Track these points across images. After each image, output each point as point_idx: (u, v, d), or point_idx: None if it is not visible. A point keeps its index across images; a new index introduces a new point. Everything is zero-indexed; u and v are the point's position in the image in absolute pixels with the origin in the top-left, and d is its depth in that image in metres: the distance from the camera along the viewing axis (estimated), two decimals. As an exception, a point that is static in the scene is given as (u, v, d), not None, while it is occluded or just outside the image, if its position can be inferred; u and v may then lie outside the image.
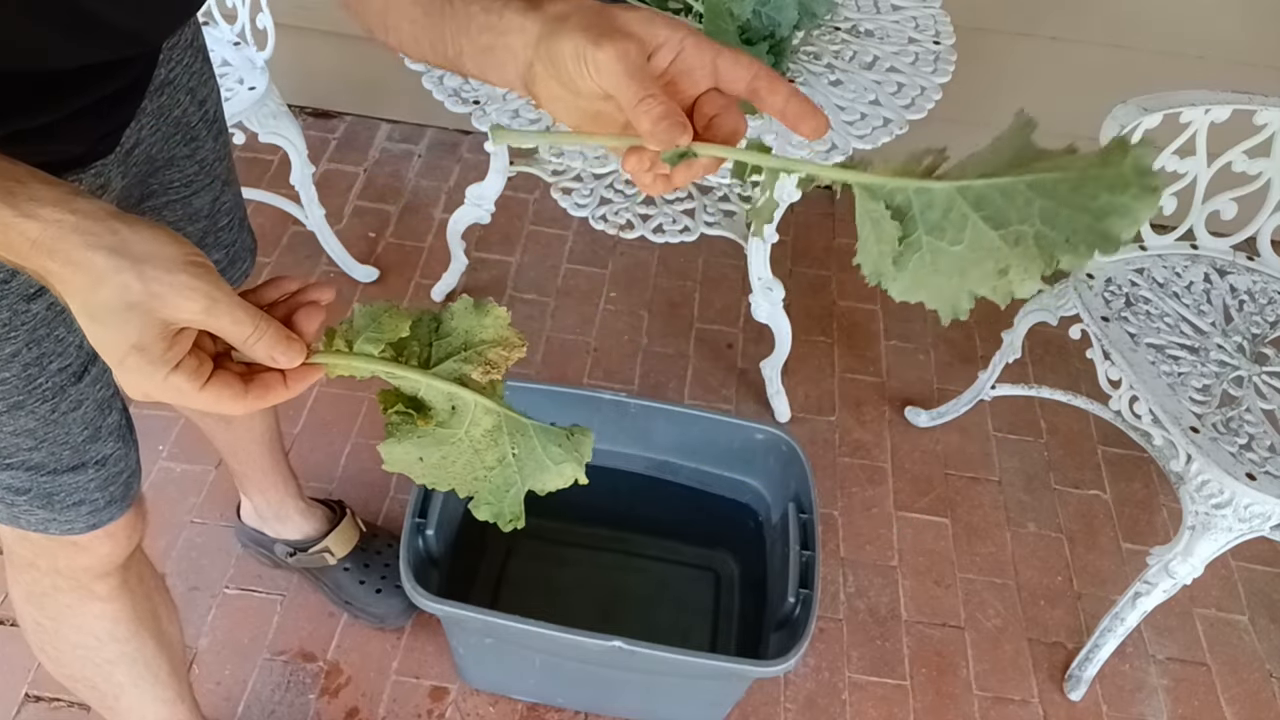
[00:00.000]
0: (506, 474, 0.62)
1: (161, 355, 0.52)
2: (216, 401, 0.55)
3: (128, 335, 0.51)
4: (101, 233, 0.51)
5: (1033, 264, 0.50)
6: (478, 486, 0.62)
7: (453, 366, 0.61)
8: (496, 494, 0.62)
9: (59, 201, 0.52)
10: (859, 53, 1.42)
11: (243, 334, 0.54)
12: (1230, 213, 1.50)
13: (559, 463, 0.62)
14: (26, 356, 0.75)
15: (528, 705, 1.42)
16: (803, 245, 2.16)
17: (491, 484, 0.62)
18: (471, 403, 0.60)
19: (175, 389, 0.53)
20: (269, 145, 1.73)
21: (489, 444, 0.61)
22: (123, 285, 0.51)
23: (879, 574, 1.62)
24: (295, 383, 0.57)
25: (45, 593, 0.97)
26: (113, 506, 0.89)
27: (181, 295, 0.52)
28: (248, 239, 1.08)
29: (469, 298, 0.62)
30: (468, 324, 0.61)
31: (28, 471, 0.82)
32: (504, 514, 0.62)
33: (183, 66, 0.87)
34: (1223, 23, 1.91)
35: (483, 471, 0.62)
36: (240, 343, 0.54)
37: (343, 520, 1.46)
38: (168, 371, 0.53)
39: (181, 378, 0.53)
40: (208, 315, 0.52)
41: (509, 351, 0.62)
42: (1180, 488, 1.30)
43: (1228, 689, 1.53)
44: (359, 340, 0.59)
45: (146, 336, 0.52)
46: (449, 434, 0.60)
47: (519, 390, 1.46)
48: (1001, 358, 1.66)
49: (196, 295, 0.52)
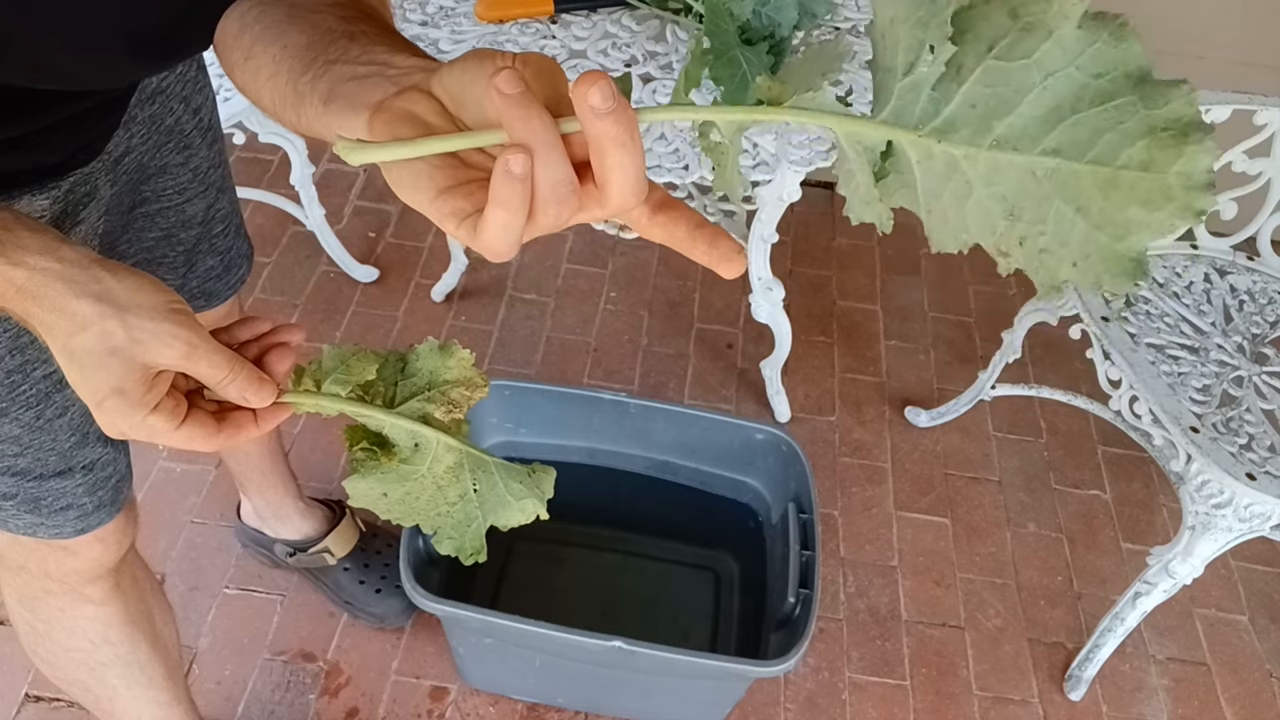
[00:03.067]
0: (468, 509, 0.64)
1: (140, 398, 0.54)
2: (190, 440, 0.57)
3: (108, 379, 0.53)
4: (86, 281, 0.53)
5: (1034, 273, 0.42)
6: (440, 522, 0.64)
7: (416, 405, 0.62)
8: (459, 529, 0.64)
9: (45, 249, 0.54)
10: (859, 53, 1.42)
11: (218, 377, 0.56)
12: (1230, 213, 1.50)
13: (520, 499, 0.64)
14: (10, 364, 0.75)
15: (528, 705, 1.42)
16: (803, 245, 2.16)
17: (454, 519, 0.64)
18: (434, 440, 0.62)
19: (151, 429, 0.55)
20: (269, 145, 1.73)
21: (451, 480, 0.63)
22: (106, 332, 0.53)
23: (879, 574, 1.62)
24: (265, 421, 0.59)
25: (37, 596, 0.97)
26: (101, 511, 0.89)
27: (163, 342, 0.54)
28: (244, 245, 1.08)
29: (434, 340, 0.63)
30: (432, 365, 0.63)
31: (13, 477, 0.82)
32: (465, 548, 0.64)
33: (176, 75, 0.87)
34: (1223, 23, 1.91)
35: (445, 507, 0.64)
36: (215, 384, 0.57)
37: (342, 520, 1.46)
38: (145, 414, 0.55)
39: (159, 419, 0.55)
40: (187, 360, 0.55)
41: (471, 391, 0.63)
42: (1180, 488, 1.30)
43: (1228, 689, 1.53)
44: (327, 381, 0.61)
45: (127, 381, 0.54)
46: (412, 470, 0.62)
47: (519, 390, 1.47)
48: (1001, 358, 1.66)
49: (177, 342, 0.54)
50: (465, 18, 1.44)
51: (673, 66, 1.39)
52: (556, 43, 1.41)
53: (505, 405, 1.48)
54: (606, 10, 1.47)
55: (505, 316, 1.94)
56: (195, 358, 0.55)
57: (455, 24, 1.42)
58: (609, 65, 1.38)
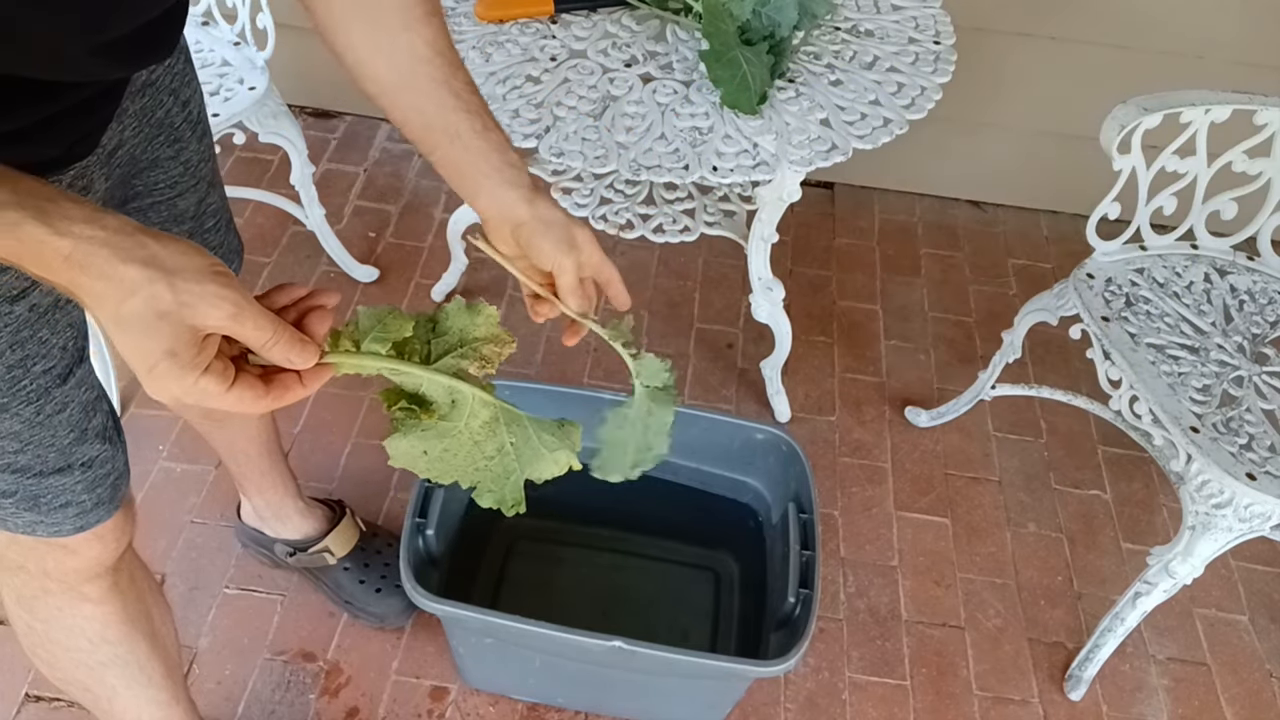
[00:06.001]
0: (505, 462, 0.67)
1: (192, 360, 0.55)
2: (240, 401, 0.58)
3: (160, 342, 0.55)
4: (132, 247, 0.55)
5: None
6: (479, 476, 0.66)
7: (451, 362, 0.65)
8: (498, 481, 0.67)
9: (89, 219, 0.54)
10: (859, 53, 1.42)
11: (263, 338, 0.58)
12: (1230, 213, 1.50)
13: (553, 450, 0.68)
14: (10, 359, 0.76)
15: (528, 705, 1.42)
16: (803, 245, 2.16)
17: (492, 473, 0.67)
18: (470, 395, 0.64)
19: (204, 391, 0.57)
20: (269, 145, 1.73)
21: (487, 435, 0.66)
22: (154, 295, 0.54)
23: (879, 574, 1.62)
24: (311, 382, 0.61)
25: (35, 595, 0.97)
26: (100, 509, 0.89)
27: (210, 303, 0.55)
28: (234, 241, 1.08)
29: (461, 299, 0.67)
30: (462, 323, 0.65)
31: (13, 474, 0.82)
32: (506, 500, 0.67)
33: (164, 68, 0.87)
34: (1223, 23, 1.91)
35: (483, 462, 0.66)
36: (260, 346, 0.58)
37: (342, 520, 1.46)
38: (198, 375, 0.56)
39: (210, 380, 0.57)
40: (234, 321, 0.56)
41: (500, 347, 0.66)
42: (1180, 488, 1.30)
43: (1228, 689, 1.53)
44: (365, 340, 0.62)
45: (178, 343, 0.55)
46: (450, 427, 0.65)
47: (519, 390, 1.46)
48: (1001, 358, 1.66)
49: (224, 303, 0.55)
50: (465, 18, 1.44)
51: (673, 66, 1.39)
52: (556, 42, 1.41)
53: (505, 405, 1.48)
54: (606, 10, 1.47)
55: (505, 316, 1.93)
56: (241, 319, 0.56)
57: (455, 24, 1.42)
58: (609, 65, 1.38)
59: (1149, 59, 1.96)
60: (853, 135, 1.30)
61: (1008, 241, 2.22)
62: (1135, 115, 1.40)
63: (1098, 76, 1.99)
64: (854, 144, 1.29)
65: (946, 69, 1.40)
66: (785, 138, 1.29)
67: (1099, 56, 1.99)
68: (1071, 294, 1.46)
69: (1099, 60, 1.99)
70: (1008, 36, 1.99)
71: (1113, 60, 1.98)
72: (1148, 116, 1.40)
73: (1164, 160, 1.46)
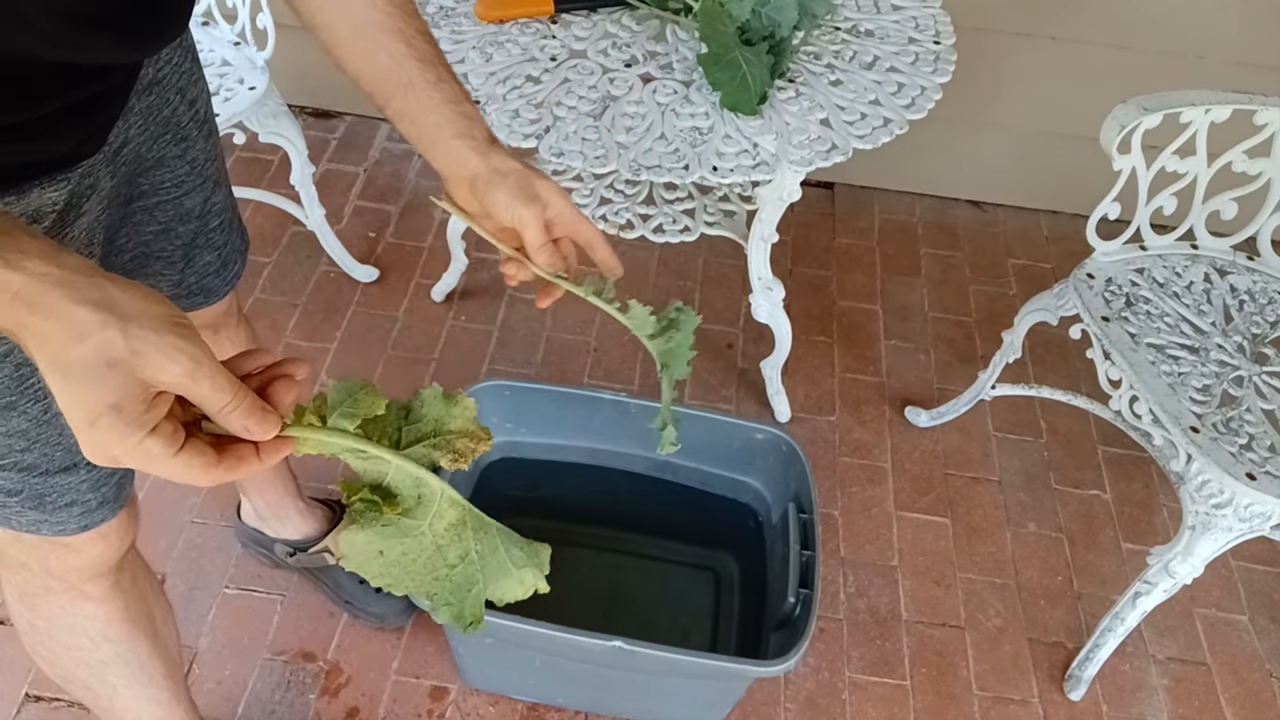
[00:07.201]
0: (469, 572, 0.61)
1: (139, 417, 0.51)
2: (187, 470, 0.53)
3: (105, 394, 0.50)
4: (88, 287, 0.51)
5: None
6: (438, 586, 0.61)
7: (423, 451, 0.60)
8: (458, 593, 0.61)
9: (45, 254, 0.51)
10: (859, 53, 1.42)
11: (220, 401, 0.52)
12: (1230, 213, 1.50)
13: (520, 567, 0.61)
14: (18, 356, 0.75)
15: (528, 705, 1.42)
16: (803, 245, 2.16)
17: (453, 583, 0.61)
18: (439, 491, 0.59)
19: (147, 453, 0.52)
20: (269, 145, 1.73)
21: (452, 539, 0.60)
22: (105, 341, 0.50)
23: (879, 574, 1.62)
24: (267, 456, 0.56)
25: (37, 594, 0.97)
26: (105, 508, 0.89)
27: (167, 355, 0.51)
28: (239, 241, 1.08)
29: (438, 386, 0.61)
30: (438, 412, 0.60)
31: (20, 473, 0.82)
32: (465, 615, 0.61)
33: (171, 66, 0.87)
34: (1223, 23, 1.91)
35: (444, 570, 0.60)
36: (216, 410, 0.53)
37: (343, 519, 1.46)
38: (143, 435, 0.51)
39: (156, 442, 0.51)
40: (189, 379, 0.51)
41: (475, 444, 0.61)
42: (1180, 488, 1.30)
43: (1228, 689, 1.53)
44: (333, 415, 0.57)
45: (126, 397, 0.50)
46: (413, 525, 0.59)
47: (519, 390, 1.47)
48: (1001, 358, 1.66)
49: (182, 356, 0.51)
50: (465, 18, 1.44)
51: (673, 66, 1.39)
52: (556, 42, 1.41)
53: (505, 405, 1.48)
54: (606, 10, 1.47)
55: (505, 316, 1.94)
56: (199, 376, 0.51)
57: (455, 24, 1.42)
58: (609, 65, 1.38)
59: (1149, 59, 1.96)
60: (853, 135, 1.30)
61: (1008, 241, 2.22)
62: (1135, 115, 1.40)
63: (1098, 76, 1.99)
64: (854, 144, 1.29)
65: (946, 69, 1.40)
66: (785, 138, 1.29)
67: (1099, 56, 1.99)
68: (1071, 294, 1.46)
69: (1099, 60, 1.99)
70: (1008, 36, 2.00)
71: (1113, 60, 1.98)
72: (1148, 116, 1.40)
73: (1164, 160, 1.46)
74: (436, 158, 0.77)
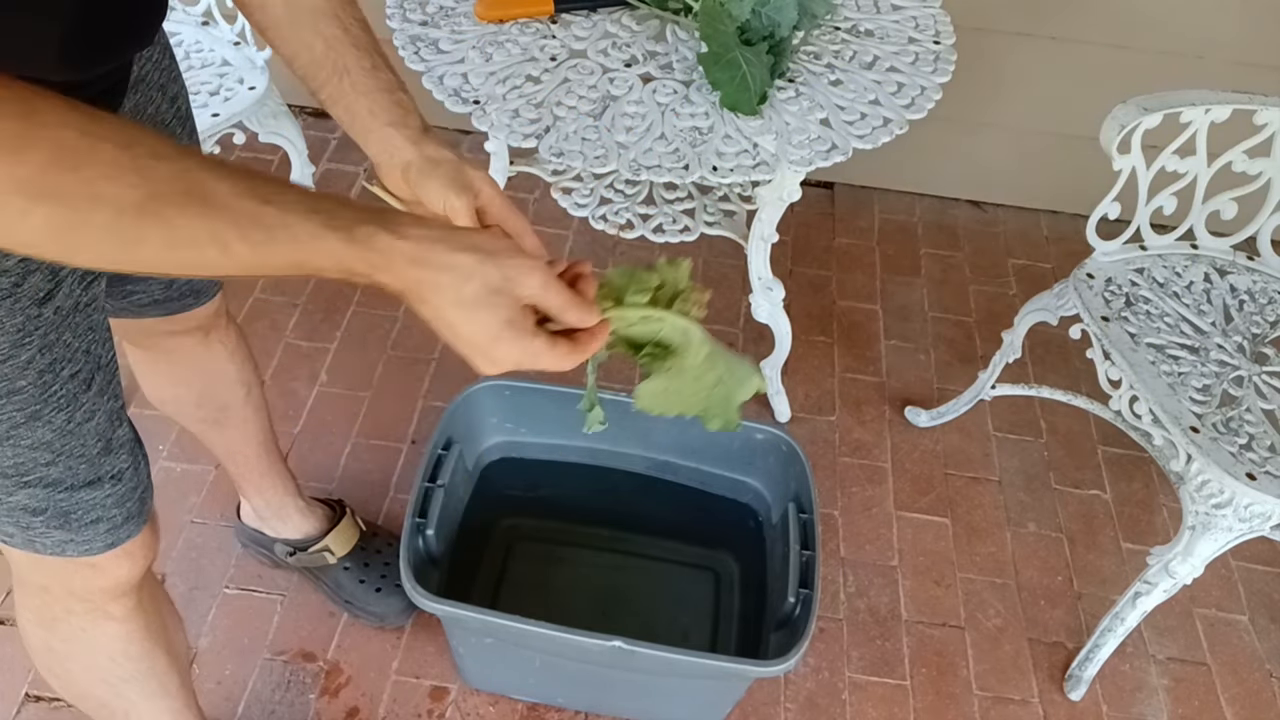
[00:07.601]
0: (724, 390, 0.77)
1: (527, 325, 0.65)
2: (563, 357, 0.67)
3: (499, 314, 0.63)
4: (457, 238, 0.63)
5: None
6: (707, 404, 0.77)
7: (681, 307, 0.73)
8: (722, 406, 0.77)
9: (414, 222, 0.63)
10: (859, 53, 1.42)
11: (561, 302, 0.66)
12: (1230, 213, 1.50)
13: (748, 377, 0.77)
14: (40, 363, 0.75)
15: (528, 705, 1.42)
16: (803, 245, 2.16)
17: (715, 399, 0.77)
18: (698, 334, 0.73)
19: (537, 352, 0.65)
20: (269, 145, 1.73)
21: (708, 368, 0.75)
22: (486, 275, 0.62)
23: (879, 574, 1.62)
24: (598, 337, 0.69)
25: (58, 617, 0.95)
26: (130, 523, 0.88)
27: (527, 274, 0.64)
28: None
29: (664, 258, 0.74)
30: (672, 275, 0.73)
31: (45, 489, 0.81)
32: (731, 422, 0.77)
33: (153, 64, 0.87)
34: (1223, 23, 1.91)
35: (706, 391, 0.76)
36: (559, 310, 0.66)
37: (342, 519, 1.46)
38: (531, 338, 0.65)
39: (539, 341, 0.65)
40: (543, 289, 0.65)
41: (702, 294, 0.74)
42: (1180, 488, 1.30)
43: (1228, 689, 1.53)
44: (627, 294, 0.71)
45: (513, 312, 0.64)
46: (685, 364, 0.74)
47: (519, 390, 1.47)
48: (1001, 357, 1.66)
49: (537, 273, 0.64)
50: (465, 18, 1.44)
51: (673, 66, 1.39)
52: (556, 42, 1.41)
53: (505, 405, 1.48)
54: (606, 10, 1.47)
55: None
56: (549, 286, 0.65)
57: (455, 24, 1.42)
58: (609, 65, 1.38)
59: (1149, 59, 1.96)
60: (853, 135, 1.30)
61: (1008, 241, 2.22)
62: (1135, 115, 1.40)
63: (1098, 76, 1.99)
64: (854, 144, 1.29)
65: (946, 69, 1.40)
66: (785, 138, 1.29)
67: (1099, 56, 1.99)
68: (1071, 294, 1.46)
69: (1099, 60, 1.99)
70: (1008, 36, 2.00)
71: (1112, 60, 1.98)
72: (1148, 116, 1.40)
73: (1164, 160, 1.46)
74: (370, 145, 0.79)
